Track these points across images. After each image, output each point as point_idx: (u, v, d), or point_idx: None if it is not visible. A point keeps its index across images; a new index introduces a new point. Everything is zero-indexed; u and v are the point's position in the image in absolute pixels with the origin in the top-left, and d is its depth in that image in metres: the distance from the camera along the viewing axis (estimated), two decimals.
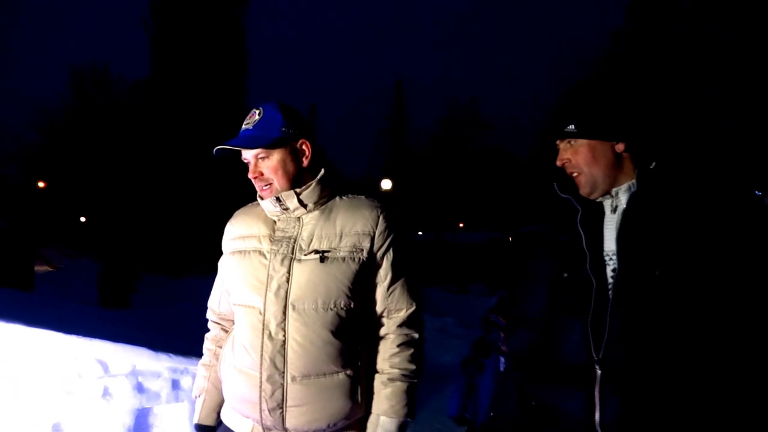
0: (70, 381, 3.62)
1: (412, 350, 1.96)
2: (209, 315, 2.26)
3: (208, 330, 2.26)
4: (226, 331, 2.20)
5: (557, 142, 1.83)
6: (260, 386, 1.86)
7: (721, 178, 1.66)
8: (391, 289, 1.96)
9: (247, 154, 1.96)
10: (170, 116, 29.81)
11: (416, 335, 1.99)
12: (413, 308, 1.98)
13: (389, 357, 1.94)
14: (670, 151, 1.72)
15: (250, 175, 1.98)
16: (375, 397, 1.94)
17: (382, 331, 1.98)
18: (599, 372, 1.66)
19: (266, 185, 1.96)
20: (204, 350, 2.24)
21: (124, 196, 29.35)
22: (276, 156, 1.94)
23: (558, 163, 1.82)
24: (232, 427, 2.07)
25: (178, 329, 6.63)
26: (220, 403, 2.17)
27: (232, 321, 2.17)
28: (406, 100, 44.87)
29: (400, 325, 1.97)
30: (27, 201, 33.59)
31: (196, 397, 2.23)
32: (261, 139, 1.92)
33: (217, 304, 2.22)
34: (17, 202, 32.82)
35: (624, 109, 1.75)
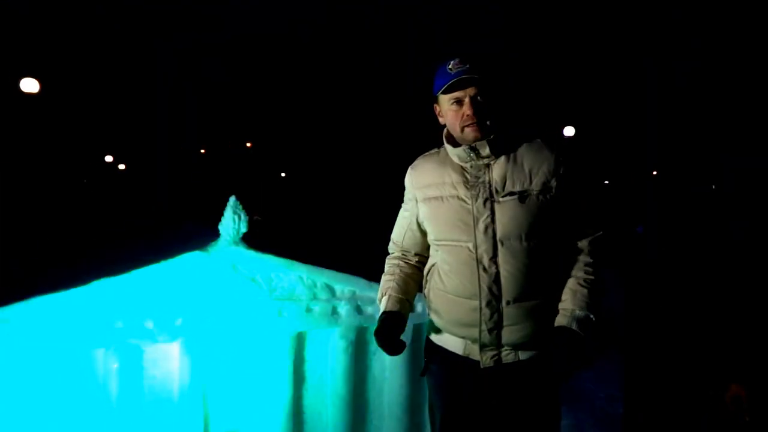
0: (308, 300, 4.53)
1: (601, 266, 2.24)
2: (391, 247, 2.74)
3: (388, 254, 2.76)
4: (406, 261, 2.67)
5: None
6: (480, 311, 2.26)
7: None
8: (581, 219, 2.26)
9: (462, 93, 2.18)
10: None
11: (605, 255, 2.26)
12: (601, 233, 2.26)
13: (584, 266, 2.25)
14: None
15: (466, 111, 2.19)
16: (571, 295, 2.22)
17: (577, 250, 2.29)
18: None
19: (470, 124, 2.21)
20: (387, 266, 2.73)
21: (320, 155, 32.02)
22: (487, 97, 2.21)
23: None
24: (445, 346, 2.52)
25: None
26: (402, 300, 2.57)
27: (413, 253, 2.63)
28: None
29: (591, 245, 2.26)
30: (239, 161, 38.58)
31: (381, 297, 2.68)
32: (480, 80, 2.17)
33: (400, 239, 2.67)
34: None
35: None
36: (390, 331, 2.46)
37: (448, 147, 2.36)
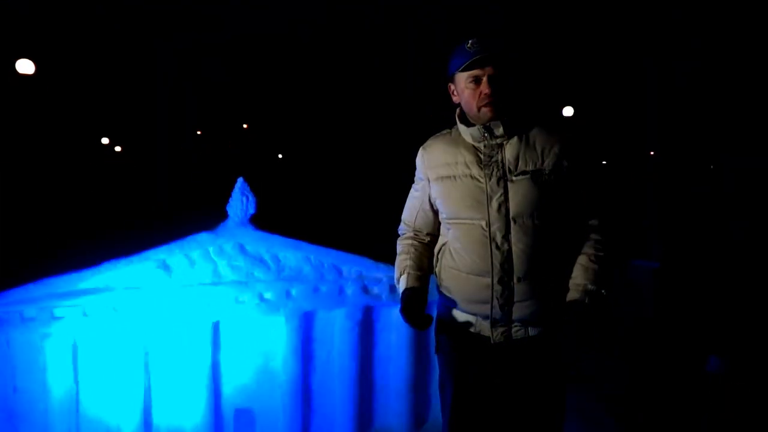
0: (316, 280, 4.59)
1: (612, 243, 2.22)
2: (402, 228, 2.71)
3: (398, 236, 2.75)
4: (419, 240, 2.67)
5: None
6: (492, 287, 2.29)
7: None
8: (590, 198, 2.29)
9: (481, 71, 2.15)
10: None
11: (613, 233, 2.24)
12: (609, 214, 2.23)
13: (594, 244, 2.24)
14: None
15: (484, 90, 2.21)
16: (582, 271, 2.18)
17: (588, 229, 2.33)
18: None
19: (487, 103, 2.14)
20: (399, 246, 2.65)
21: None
22: (503, 77, 2.25)
23: None
24: (458, 320, 2.56)
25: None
26: (421, 276, 2.57)
27: (425, 233, 2.63)
28: None
29: (601, 225, 2.29)
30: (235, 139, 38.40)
31: (399, 276, 2.66)
32: (498, 58, 2.16)
33: (412, 220, 2.64)
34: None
35: None
36: (415, 306, 2.48)
37: (461, 127, 2.35)
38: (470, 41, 2.24)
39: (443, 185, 2.43)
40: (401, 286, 2.52)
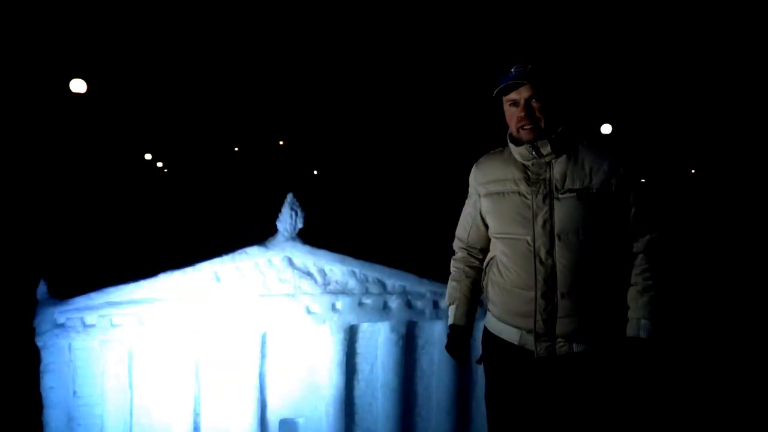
0: (360, 294, 4.67)
1: (661, 267, 2.23)
2: (456, 243, 2.77)
3: (453, 253, 2.79)
4: (472, 256, 2.72)
5: None
6: (535, 302, 2.33)
7: None
8: (637, 217, 2.30)
9: (517, 95, 2.25)
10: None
11: (664, 255, 2.25)
12: (658, 233, 2.25)
13: (641, 272, 2.22)
14: None
15: (519, 113, 2.26)
16: (633, 305, 2.23)
17: (634, 251, 2.26)
18: None
19: (529, 125, 2.25)
20: (452, 269, 2.70)
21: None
22: (542, 100, 2.23)
23: None
24: (501, 335, 2.60)
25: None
26: (469, 310, 2.55)
27: (478, 249, 2.68)
28: None
29: (648, 246, 2.24)
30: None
31: (449, 305, 2.73)
32: (536, 82, 2.21)
33: (465, 235, 2.70)
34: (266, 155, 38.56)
35: None
36: (459, 349, 2.58)
37: (511, 145, 2.43)
38: (514, 66, 2.32)
39: (492, 200, 2.51)
40: (449, 318, 2.62)
